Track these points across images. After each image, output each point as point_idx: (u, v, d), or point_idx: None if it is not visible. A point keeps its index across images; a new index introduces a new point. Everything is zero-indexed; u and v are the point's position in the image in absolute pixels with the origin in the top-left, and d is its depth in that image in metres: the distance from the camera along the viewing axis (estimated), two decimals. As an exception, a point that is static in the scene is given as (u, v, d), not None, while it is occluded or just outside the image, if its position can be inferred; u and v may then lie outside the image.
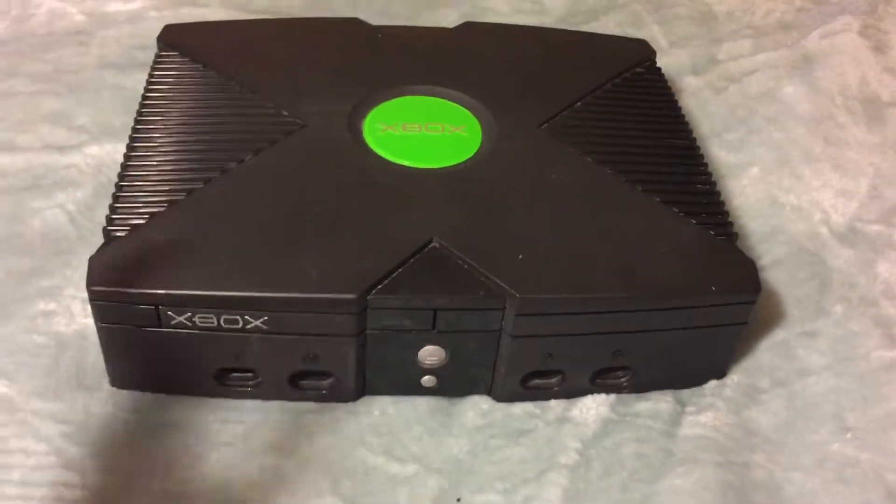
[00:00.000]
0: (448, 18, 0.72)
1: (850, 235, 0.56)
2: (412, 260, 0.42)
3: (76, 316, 0.47)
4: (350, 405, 0.45)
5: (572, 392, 0.46)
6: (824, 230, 0.57)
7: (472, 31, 0.59)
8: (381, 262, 0.42)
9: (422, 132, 0.50)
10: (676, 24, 0.75)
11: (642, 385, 0.46)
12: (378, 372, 0.44)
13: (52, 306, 0.48)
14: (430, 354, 0.44)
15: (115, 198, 0.45)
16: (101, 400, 0.44)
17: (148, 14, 0.70)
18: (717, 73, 0.69)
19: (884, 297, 0.53)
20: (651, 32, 0.73)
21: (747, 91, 0.68)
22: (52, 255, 0.51)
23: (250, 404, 0.45)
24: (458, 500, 0.42)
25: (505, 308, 0.42)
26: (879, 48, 0.71)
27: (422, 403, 0.46)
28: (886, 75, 0.69)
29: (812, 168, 0.61)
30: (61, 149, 0.57)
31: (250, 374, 0.44)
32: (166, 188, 0.45)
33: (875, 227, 0.57)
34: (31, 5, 0.70)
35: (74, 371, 0.45)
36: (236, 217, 0.44)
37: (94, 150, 0.57)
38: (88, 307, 0.45)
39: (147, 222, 0.43)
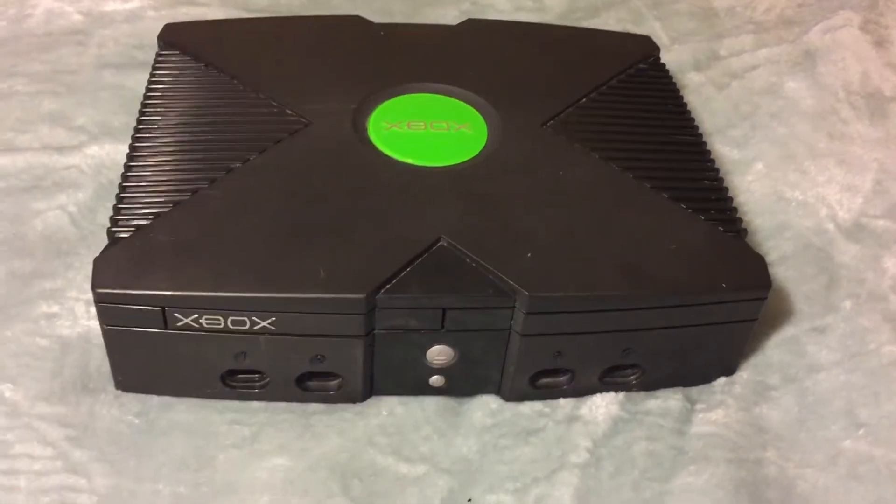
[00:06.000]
0: (448, 16, 0.72)
1: (856, 231, 0.56)
2: (420, 259, 0.42)
3: (79, 318, 0.47)
4: (358, 406, 0.45)
5: (581, 390, 0.46)
6: (831, 226, 0.56)
7: (475, 29, 0.59)
8: (389, 262, 0.41)
9: (427, 130, 0.49)
10: (677, 19, 0.75)
11: (652, 383, 0.46)
12: (386, 372, 0.44)
13: (55, 309, 0.47)
14: (439, 354, 0.43)
15: (119, 199, 0.44)
16: (107, 403, 0.44)
17: (146, 13, 0.69)
18: (719, 69, 0.69)
19: (892, 292, 0.52)
20: (652, 28, 0.73)
21: (750, 87, 0.67)
22: (53, 256, 0.50)
23: (257, 405, 0.44)
24: (469, 500, 0.41)
25: (514, 306, 0.41)
26: (881, 43, 0.71)
27: (430, 403, 0.45)
28: (888, 70, 0.69)
29: (817, 163, 0.61)
30: (61, 149, 0.57)
31: (257, 376, 0.44)
32: (170, 188, 0.44)
33: (881, 223, 0.57)
34: (28, 5, 0.69)
35: (79, 374, 0.45)
36: (242, 217, 0.43)
37: (94, 150, 0.57)
38: (92, 309, 0.45)
39: (151, 223, 0.43)
